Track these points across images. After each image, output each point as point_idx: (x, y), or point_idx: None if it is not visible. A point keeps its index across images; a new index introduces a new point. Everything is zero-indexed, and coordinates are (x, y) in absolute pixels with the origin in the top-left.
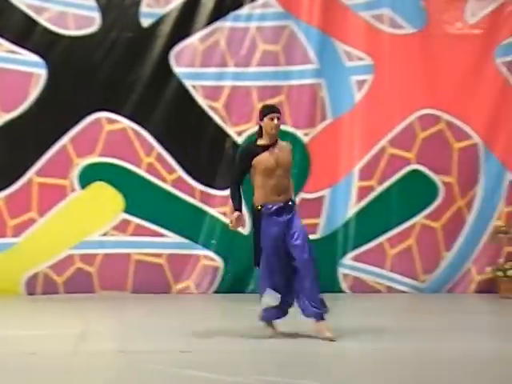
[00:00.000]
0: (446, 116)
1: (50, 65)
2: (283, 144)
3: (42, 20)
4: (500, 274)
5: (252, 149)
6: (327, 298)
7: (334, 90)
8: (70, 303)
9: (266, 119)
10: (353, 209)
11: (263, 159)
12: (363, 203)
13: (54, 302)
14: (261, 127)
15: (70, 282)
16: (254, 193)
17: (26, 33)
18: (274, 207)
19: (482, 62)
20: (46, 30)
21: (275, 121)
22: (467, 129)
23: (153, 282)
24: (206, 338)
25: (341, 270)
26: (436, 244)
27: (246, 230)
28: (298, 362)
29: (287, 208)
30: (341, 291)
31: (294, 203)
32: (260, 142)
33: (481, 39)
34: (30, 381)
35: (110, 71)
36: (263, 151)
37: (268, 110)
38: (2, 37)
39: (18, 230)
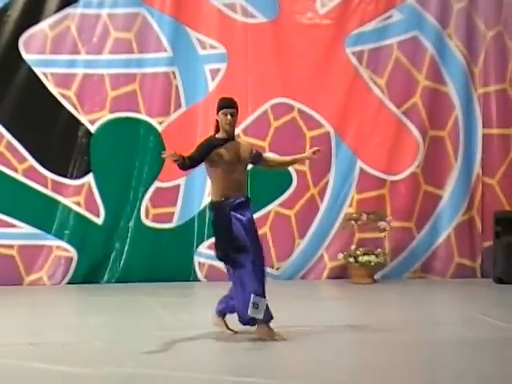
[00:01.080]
0: (298, 105)
1: None
2: (241, 140)
3: None
4: (351, 260)
5: (213, 140)
6: (183, 286)
7: (187, 78)
8: None
9: (220, 114)
10: (208, 197)
11: (223, 153)
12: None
13: None
14: (217, 121)
15: None
16: (213, 188)
17: None
18: (237, 201)
19: (332, 52)
20: None
21: (228, 116)
22: (319, 117)
23: (4, 273)
24: (57, 330)
25: (196, 259)
26: (290, 231)
27: (100, 220)
28: (155, 351)
29: (247, 204)
30: (196, 280)
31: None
32: (218, 135)
33: (331, 29)
34: None
35: None
36: (222, 145)
37: (223, 104)
38: None
39: None
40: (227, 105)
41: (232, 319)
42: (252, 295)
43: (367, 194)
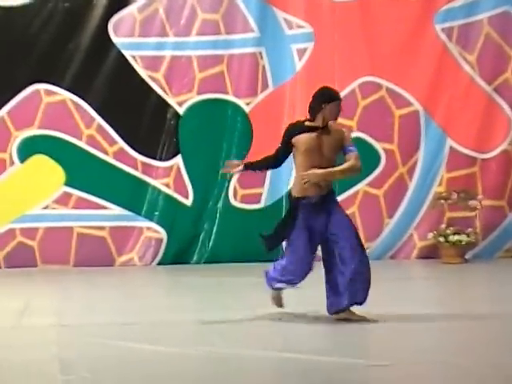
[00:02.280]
0: (386, 83)
1: None
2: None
3: None
4: (441, 239)
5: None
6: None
7: (274, 58)
8: (11, 278)
9: (331, 105)
10: None
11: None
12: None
13: None
14: (315, 109)
15: (11, 256)
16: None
17: None
18: (314, 199)
19: (421, 29)
20: None
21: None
22: (408, 96)
23: (96, 255)
24: (149, 311)
25: None
26: (378, 211)
27: (189, 201)
28: (245, 331)
29: (327, 199)
30: None
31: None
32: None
33: (420, 6)
34: None
35: (47, 42)
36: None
37: (333, 96)
38: None
39: None
40: (337, 97)
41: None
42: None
43: (457, 172)
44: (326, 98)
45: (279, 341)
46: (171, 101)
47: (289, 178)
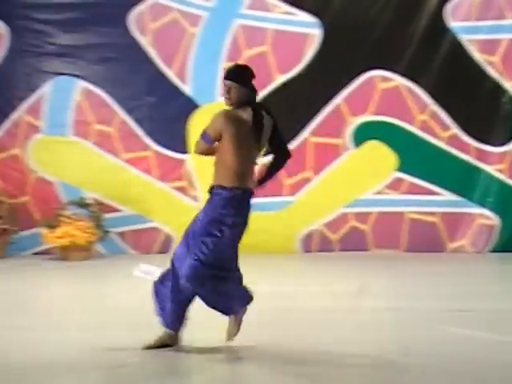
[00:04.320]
0: None
1: (325, 24)
2: None
3: None
4: None
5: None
6: None
7: None
8: (346, 261)
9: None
10: None
11: None
12: None
13: (329, 260)
14: None
15: (345, 239)
16: None
17: None
18: None
19: None
20: None
21: None
22: None
23: (426, 240)
24: (483, 298)
25: None
26: None
27: None
28: None
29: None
30: None
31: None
32: None
33: None
34: (309, 334)
35: (383, 28)
36: None
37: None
38: None
39: (294, 189)
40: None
41: None
42: None
43: None
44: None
45: None
46: (507, 84)
47: None
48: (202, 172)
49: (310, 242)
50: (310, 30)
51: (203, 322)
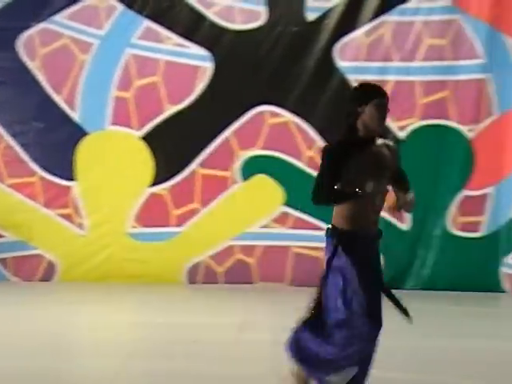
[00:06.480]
0: None
1: (217, 58)
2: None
3: (210, 14)
4: None
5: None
6: (488, 297)
7: (500, 85)
8: (230, 293)
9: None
10: None
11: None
12: None
13: (214, 292)
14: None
15: (230, 272)
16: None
17: (194, 27)
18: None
19: None
20: (213, 24)
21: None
22: None
23: (311, 274)
24: None
25: (503, 270)
26: None
27: (405, 226)
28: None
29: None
30: (502, 291)
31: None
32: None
33: None
34: (191, 367)
35: (274, 65)
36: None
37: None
38: (172, 31)
39: (182, 220)
40: (380, 92)
41: None
42: None
43: None
44: (362, 97)
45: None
46: (392, 125)
47: (509, 208)
48: (89, 199)
49: (196, 273)
50: (201, 62)
51: None
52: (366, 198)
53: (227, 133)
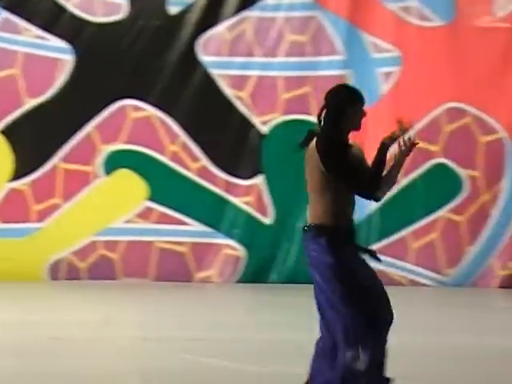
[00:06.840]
0: (472, 109)
1: (77, 51)
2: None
3: (70, 6)
4: None
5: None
6: None
7: (360, 81)
8: (93, 290)
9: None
10: None
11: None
12: (387, 196)
13: (76, 288)
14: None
15: (93, 268)
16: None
17: (54, 19)
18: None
19: (510, 56)
20: (73, 16)
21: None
22: (493, 123)
23: (175, 270)
24: (222, 327)
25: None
26: (460, 238)
27: (268, 220)
28: None
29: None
30: None
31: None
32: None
33: (509, 33)
34: (53, 365)
35: (136, 59)
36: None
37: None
38: (30, 22)
39: (42, 215)
40: (362, 96)
41: None
42: None
43: None
44: (353, 98)
45: None
46: (255, 120)
47: None
48: None
49: (58, 269)
50: (62, 55)
51: None
52: (349, 192)
53: (89, 127)
